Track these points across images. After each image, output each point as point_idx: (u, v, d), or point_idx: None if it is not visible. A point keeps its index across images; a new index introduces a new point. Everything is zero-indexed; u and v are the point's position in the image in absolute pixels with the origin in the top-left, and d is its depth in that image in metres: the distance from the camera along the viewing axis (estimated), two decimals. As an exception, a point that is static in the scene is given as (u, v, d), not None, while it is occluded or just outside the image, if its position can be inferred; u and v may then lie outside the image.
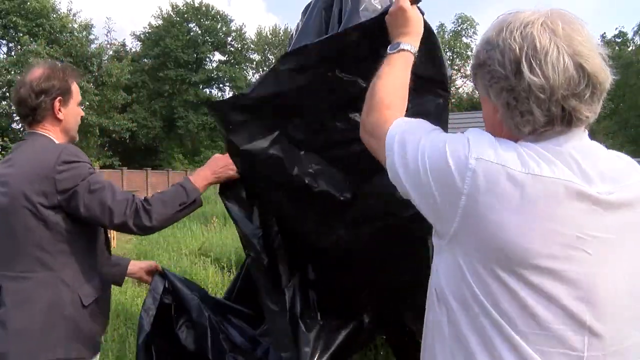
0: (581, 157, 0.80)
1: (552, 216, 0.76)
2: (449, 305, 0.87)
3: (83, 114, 1.81)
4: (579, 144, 0.83)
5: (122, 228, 1.55)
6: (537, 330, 0.77)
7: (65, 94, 1.67)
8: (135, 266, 2.07)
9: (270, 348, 1.98)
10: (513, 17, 0.84)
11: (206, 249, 8.15)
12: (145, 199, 1.57)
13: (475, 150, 0.82)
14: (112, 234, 10.65)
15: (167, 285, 2.03)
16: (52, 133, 1.66)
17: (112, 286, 1.95)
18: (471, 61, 0.93)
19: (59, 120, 1.66)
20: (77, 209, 1.51)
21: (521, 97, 0.81)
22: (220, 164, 1.73)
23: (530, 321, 0.77)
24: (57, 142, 1.64)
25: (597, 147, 0.86)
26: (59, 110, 1.65)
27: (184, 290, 2.03)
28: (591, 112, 0.82)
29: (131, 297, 5.23)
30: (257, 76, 50.58)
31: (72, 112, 1.71)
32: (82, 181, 1.51)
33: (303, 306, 1.86)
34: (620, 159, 0.87)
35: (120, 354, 3.75)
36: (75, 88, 1.73)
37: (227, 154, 1.72)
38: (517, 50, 0.80)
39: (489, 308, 0.79)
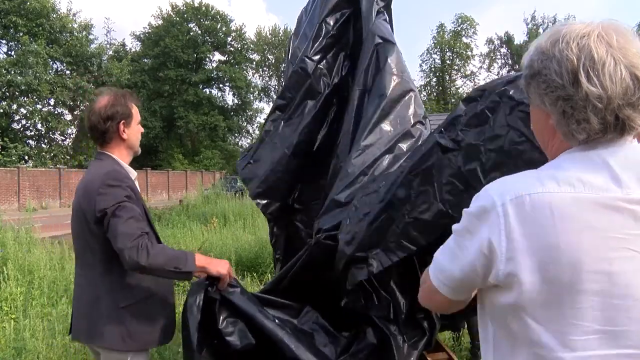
0: (620, 164, 0.84)
1: (587, 226, 0.81)
2: (491, 323, 0.94)
3: (143, 129, 2.12)
4: (622, 151, 0.86)
5: (119, 253, 1.72)
6: (592, 335, 0.81)
7: (128, 117, 1.98)
8: None
9: (314, 335, 2.09)
10: (567, 29, 0.87)
11: (206, 249, 8.14)
12: (152, 244, 1.74)
13: (497, 198, 0.87)
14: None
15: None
16: (116, 151, 1.98)
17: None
18: (524, 71, 0.96)
19: (124, 140, 1.98)
20: (105, 227, 1.76)
21: (578, 106, 0.84)
22: (220, 263, 1.91)
23: (584, 328, 0.81)
24: (118, 160, 1.96)
25: None
26: (123, 131, 1.96)
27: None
28: None
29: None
30: (256, 76, 50.66)
31: (134, 131, 2.02)
32: (113, 205, 1.75)
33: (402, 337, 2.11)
34: None
35: (120, 354, 3.75)
36: (135, 110, 2.03)
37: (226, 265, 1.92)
38: (575, 61, 0.83)
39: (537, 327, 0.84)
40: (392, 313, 2.06)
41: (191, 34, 41.50)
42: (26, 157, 26.58)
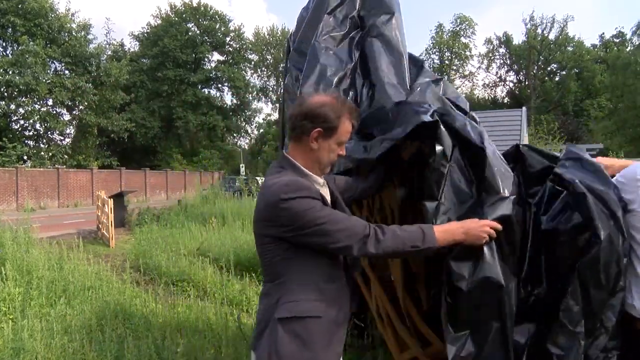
0: None
1: None
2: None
3: (342, 153, 1.80)
4: None
5: (348, 251, 1.62)
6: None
7: (331, 129, 1.71)
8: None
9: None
10: None
11: (204, 249, 8.15)
12: (381, 229, 1.64)
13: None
14: (111, 234, 10.62)
15: None
16: (301, 159, 1.73)
17: (113, 285, 1.96)
18: None
19: (312, 149, 1.73)
20: (301, 240, 1.61)
21: None
22: (477, 226, 1.66)
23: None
24: (300, 167, 1.72)
25: None
26: (316, 139, 1.71)
27: None
28: None
29: (130, 298, 5.23)
30: (255, 76, 50.59)
31: (328, 148, 1.74)
32: (302, 219, 1.57)
33: None
34: None
35: (119, 354, 3.74)
36: (343, 129, 1.74)
37: (485, 221, 1.68)
38: None
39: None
40: None
41: (190, 34, 41.43)
42: (25, 157, 26.51)
